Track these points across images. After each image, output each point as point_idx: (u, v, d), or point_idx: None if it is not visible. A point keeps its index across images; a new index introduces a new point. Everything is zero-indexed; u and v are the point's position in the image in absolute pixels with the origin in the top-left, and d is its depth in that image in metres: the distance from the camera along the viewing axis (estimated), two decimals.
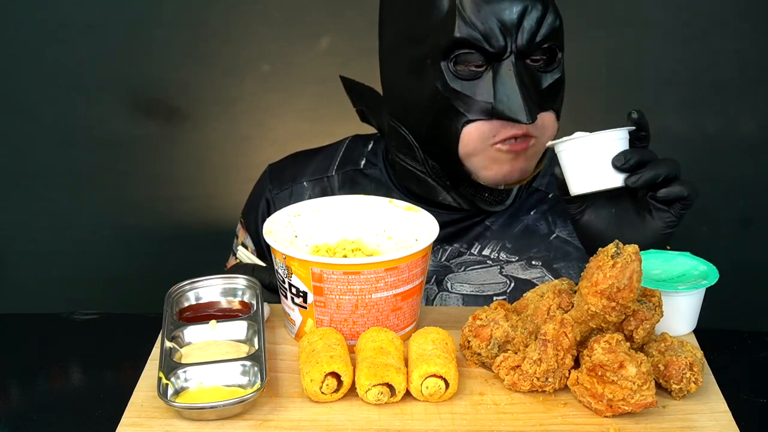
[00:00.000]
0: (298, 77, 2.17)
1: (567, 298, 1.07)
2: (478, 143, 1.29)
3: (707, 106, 2.17)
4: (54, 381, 1.14)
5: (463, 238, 1.40)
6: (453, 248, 1.40)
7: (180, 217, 2.26)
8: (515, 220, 1.41)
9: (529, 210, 1.42)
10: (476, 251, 1.40)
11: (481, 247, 1.40)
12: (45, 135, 2.18)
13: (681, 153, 2.17)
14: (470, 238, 1.40)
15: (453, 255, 1.40)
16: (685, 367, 1.00)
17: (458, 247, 1.40)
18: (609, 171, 1.16)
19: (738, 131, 2.18)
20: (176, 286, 1.16)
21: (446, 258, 1.40)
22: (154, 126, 2.21)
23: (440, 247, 1.40)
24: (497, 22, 1.24)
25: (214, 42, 2.15)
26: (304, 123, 2.21)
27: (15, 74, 2.14)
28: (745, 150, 2.18)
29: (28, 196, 2.23)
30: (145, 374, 1.06)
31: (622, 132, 1.16)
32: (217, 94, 2.20)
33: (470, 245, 1.40)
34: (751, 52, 2.12)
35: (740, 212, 2.18)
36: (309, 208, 1.23)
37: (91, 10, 2.10)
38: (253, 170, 1.56)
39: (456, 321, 1.15)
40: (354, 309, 1.08)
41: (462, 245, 1.40)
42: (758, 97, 2.15)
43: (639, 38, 2.14)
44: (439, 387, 0.99)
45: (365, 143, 1.51)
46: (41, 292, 2.24)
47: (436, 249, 1.40)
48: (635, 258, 0.98)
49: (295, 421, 0.98)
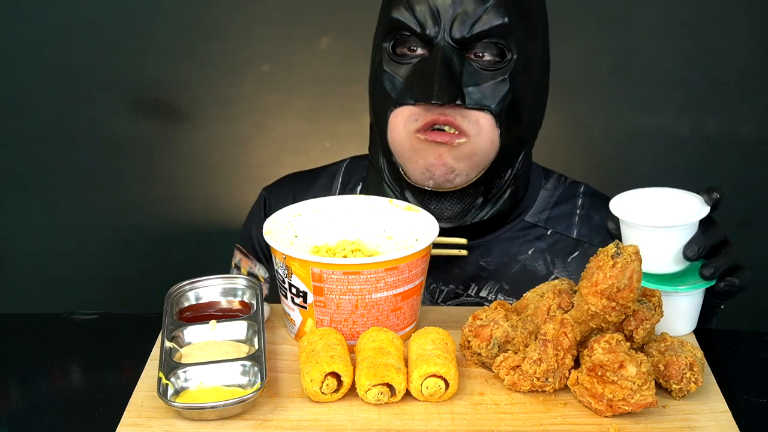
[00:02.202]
0: (298, 77, 2.17)
1: (567, 298, 1.07)
2: (402, 129, 1.28)
3: (707, 106, 2.17)
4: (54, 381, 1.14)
5: (458, 279, 1.37)
6: (449, 289, 1.37)
7: (180, 217, 2.26)
8: (512, 260, 1.37)
9: (527, 248, 1.38)
10: (473, 293, 1.37)
11: (478, 288, 1.37)
12: (45, 135, 2.18)
13: (681, 153, 2.20)
14: (465, 279, 1.37)
15: (449, 297, 1.37)
16: (685, 367, 1.00)
17: (454, 288, 1.37)
18: (679, 257, 1.11)
19: (738, 131, 2.18)
20: (176, 286, 1.16)
21: (443, 299, 1.37)
22: (154, 126, 2.21)
23: (436, 287, 1.37)
24: (431, 7, 1.25)
25: (214, 42, 2.15)
26: (304, 123, 2.20)
27: (15, 74, 2.14)
28: (745, 150, 2.18)
29: (28, 196, 2.23)
30: (145, 374, 1.06)
31: (695, 221, 1.11)
32: (217, 94, 2.20)
33: (466, 287, 1.37)
34: (751, 52, 2.12)
35: (740, 212, 2.18)
36: (309, 208, 1.23)
37: (91, 10, 2.10)
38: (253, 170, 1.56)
39: (456, 321, 1.15)
40: (354, 309, 1.08)
41: (458, 287, 1.37)
42: (758, 97, 2.15)
43: (639, 38, 2.14)
44: (439, 387, 0.99)
45: (362, 169, 1.49)
46: (41, 292, 2.24)
47: (432, 288, 1.37)
48: (635, 258, 0.98)
49: (295, 421, 0.98)
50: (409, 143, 1.28)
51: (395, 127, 1.29)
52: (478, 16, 1.24)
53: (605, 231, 1.18)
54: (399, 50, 1.29)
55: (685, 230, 1.10)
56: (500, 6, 1.25)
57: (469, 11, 1.24)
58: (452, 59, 1.25)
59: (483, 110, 1.26)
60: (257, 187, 1.59)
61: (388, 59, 1.29)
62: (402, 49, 1.29)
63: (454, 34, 1.25)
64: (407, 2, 1.26)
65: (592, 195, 1.44)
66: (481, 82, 1.26)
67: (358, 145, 1.55)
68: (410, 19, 1.26)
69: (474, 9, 1.24)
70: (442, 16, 1.25)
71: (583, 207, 1.41)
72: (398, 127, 1.29)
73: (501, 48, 1.26)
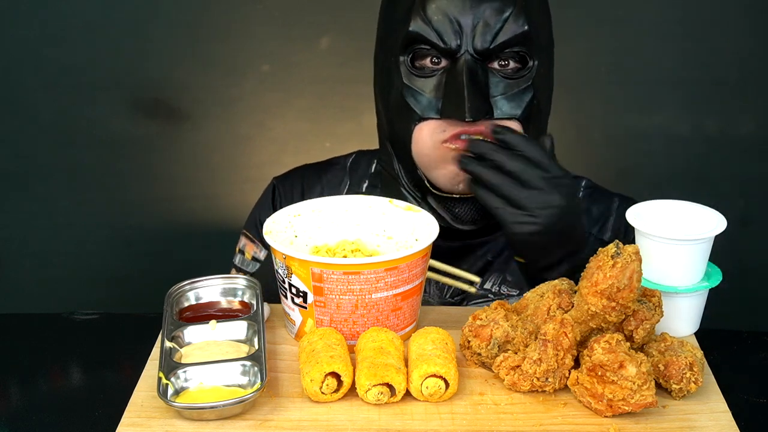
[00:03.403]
0: (298, 77, 2.17)
1: (567, 298, 1.07)
2: (429, 141, 1.26)
3: (707, 106, 2.17)
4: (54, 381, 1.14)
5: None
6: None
7: (180, 217, 2.26)
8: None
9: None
10: (477, 285, 1.37)
11: (483, 280, 1.38)
12: (45, 135, 2.18)
13: (681, 153, 2.20)
14: (474, 274, 1.37)
15: (457, 292, 1.37)
16: (685, 367, 1.00)
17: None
18: (692, 272, 1.11)
19: (738, 131, 2.18)
20: (176, 286, 1.16)
21: (450, 295, 1.38)
22: (154, 126, 2.21)
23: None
24: (451, 19, 1.23)
25: (214, 42, 2.15)
26: (304, 123, 2.21)
27: (15, 74, 2.14)
28: (745, 150, 2.18)
29: (28, 196, 2.23)
30: (145, 374, 1.06)
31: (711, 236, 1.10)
32: (217, 94, 2.20)
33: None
34: (751, 52, 2.12)
35: (740, 212, 2.18)
36: (309, 208, 1.23)
37: (91, 10, 2.10)
38: (253, 170, 1.56)
39: (456, 321, 1.15)
40: (354, 309, 1.08)
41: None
42: (758, 97, 2.15)
43: (639, 38, 2.14)
44: (439, 387, 0.99)
45: (369, 163, 1.49)
46: (41, 292, 2.24)
47: (440, 285, 1.37)
48: (635, 258, 0.98)
49: (295, 421, 0.98)
50: (436, 153, 1.27)
51: (420, 138, 1.27)
52: (499, 26, 1.23)
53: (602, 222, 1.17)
54: (418, 63, 1.27)
55: (700, 245, 1.10)
56: (520, 14, 1.24)
57: (490, 22, 1.23)
58: (477, 72, 1.23)
59: (511, 119, 1.26)
60: (257, 187, 1.59)
61: (408, 73, 1.27)
62: (422, 62, 1.27)
63: (477, 46, 1.23)
64: (424, 14, 1.24)
65: (593, 188, 1.46)
66: (507, 92, 1.25)
67: (359, 145, 1.55)
68: (429, 32, 1.24)
69: (495, 18, 1.23)
70: (463, 27, 1.23)
71: (583, 200, 1.42)
72: (424, 138, 1.27)
73: (523, 55, 1.26)
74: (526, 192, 1.15)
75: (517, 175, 1.16)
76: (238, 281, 1.17)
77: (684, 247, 1.09)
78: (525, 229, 1.16)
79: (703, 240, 1.09)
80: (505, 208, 1.16)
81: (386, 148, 1.36)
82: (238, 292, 1.17)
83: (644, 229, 1.10)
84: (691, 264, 1.10)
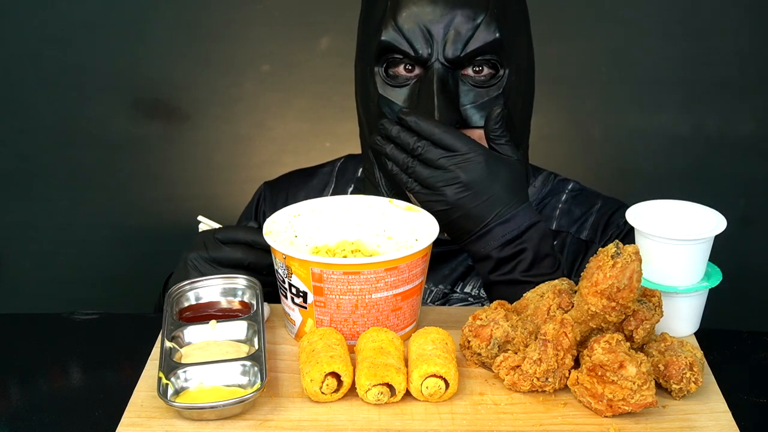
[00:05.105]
0: (298, 77, 2.17)
1: (567, 298, 1.07)
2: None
3: (707, 106, 2.17)
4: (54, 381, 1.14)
5: (447, 280, 1.39)
6: (438, 290, 1.39)
7: (180, 217, 2.25)
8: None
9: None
10: (459, 289, 1.39)
11: (463, 284, 1.39)
12: (45, 135, 2.18)
13: (681, 153, 2.20)
14: (455, 279, 1.40)
15: (437, 297, 1.39)
16: (685, 367, 1.00)
17: (443, 288, 1.39)
18: (692, 272, 1.11)
19: (738, 131, 2.18)
20: (176, 286, 1.16)
21: (432, 300, 1.39)
22: (154, 126, 2.21)
23: (427, 287, 1.39)
24: (422, 28, 1.23)
25: (215, 42, 2.15)
26: (304, 123, 2.20)
27: (15, 74, 2.14)
28: (745, 150, 2.18)
29: (28, 196, 2.22)
30: (145, 374, 1.06)
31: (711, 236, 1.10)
32: (217, 94, 2.20)
33: (454, 285, 1.40)
34: (751, 52, 2.12)
35: (740, 212, 2.18)
36: (309, 208, 1.23)
37: (91, 10, 2.10)
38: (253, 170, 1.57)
39: (456, 321, 1.15)
40: (354, 309, 1.08)
41: (446, 286, 1.40)
42: (758, 97, 2.15)
43: (639, 38, 2.14)
44: (439, 387, 0.99)
45: (356, 167, 1.49)
46: (41, 292, 2.24)
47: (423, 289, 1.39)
48: (635, 258, 0.98)
49: (295, 421, 0.98)
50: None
51: None
52: (470, 34, 1.23)
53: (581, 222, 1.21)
54: (392, 71, 1.28)
55: (700, 245, 1.10)
56: (491, 22, 1.24)
57: (461, 30, 1.23)
58: (447, 80, 1.24)
59: (482, 128, 1.26)
60: (257, 188, 1.60)
61: (383, 83, 1.28)
62: (395, 70, 1.28)
63: (447, 54, 1.24)
64: (395, 23, 1.25)
65: (579, 191, 1.47)
66: (477, 100, 1.26)
67: (359, 145, 1.55)
68: (401, 41, 1.25)
69: (466, 27, 1.23)
70: (434, 35, 1.23)
71: (566, 202, 1.43)
72: None
73: (494, 63, 1.26)
74: (429, 171, 1.19)
75: (420, 154, 1.20)
76: (238, 281, 1.17)
77: (684, 247, 1.09)
78: (434, 207, 1.20)
79: (703, 240, 1.09)
80: (420, 189, 1.21)
81: (368, 156, 1.37)
82: (238, 292, 1.17)
83: (644, 229, 1.10)
84: (691, 264, 1.10)
